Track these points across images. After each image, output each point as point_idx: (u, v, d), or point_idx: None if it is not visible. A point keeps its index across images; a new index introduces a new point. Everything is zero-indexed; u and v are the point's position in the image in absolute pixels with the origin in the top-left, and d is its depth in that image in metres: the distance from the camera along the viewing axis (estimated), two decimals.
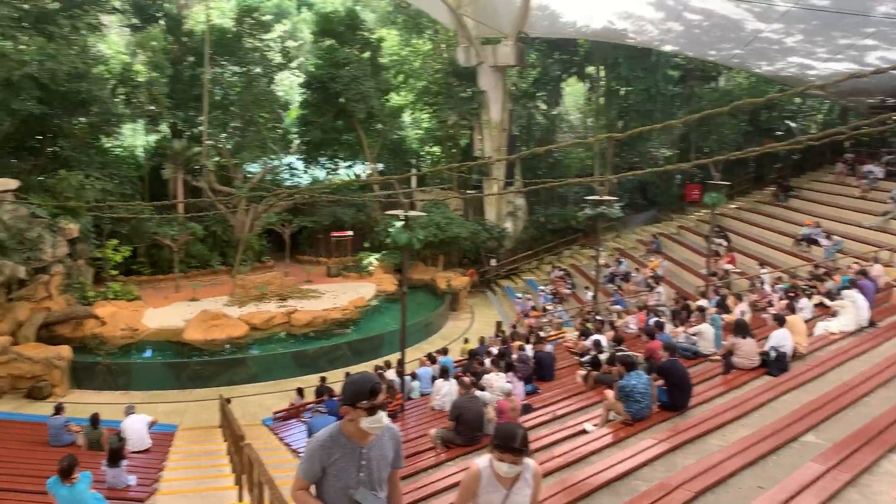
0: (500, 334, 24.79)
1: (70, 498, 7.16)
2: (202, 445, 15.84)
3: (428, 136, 43.78)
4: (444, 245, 34.83)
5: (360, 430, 4.08)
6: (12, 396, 21.33)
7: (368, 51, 38.89)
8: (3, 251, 22.85)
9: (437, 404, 14.34)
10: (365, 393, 4.01)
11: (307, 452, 4.22)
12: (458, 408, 10.70)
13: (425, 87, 41.21)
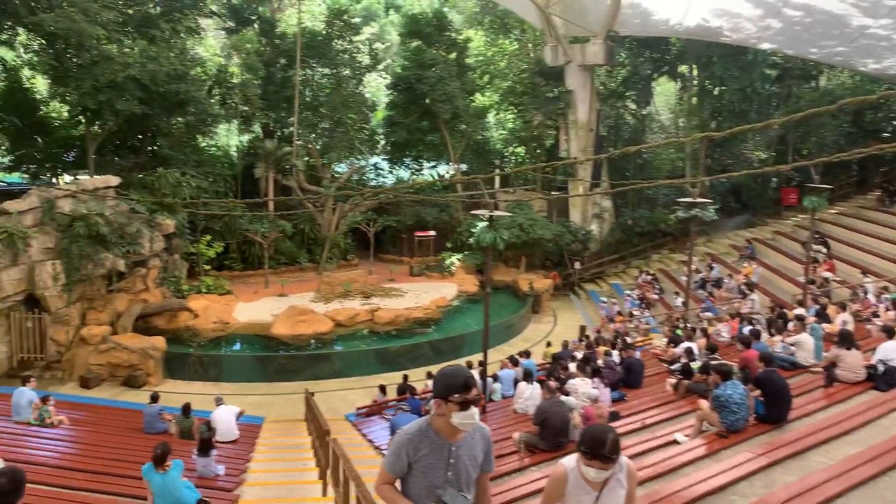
0: (585, 339, 24.20)
1: (163, 484, 7.32)
2: (288, 438, 16.09)
3: (512, 136, 43.48)
4: (527, 246, 34.47)
5: (451, 426, 3.89)
6: (111, 384, 22.36)
7: (454, 52, 39.01)
8: (105, 245, 23.95)
9: (520, 407, 14.07)
10: (457, 386, 3.83)
11: (394, 445, 4.06)
12: (543, 412, 10.44)
13: (510, 88, 40.97)
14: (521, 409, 13.99)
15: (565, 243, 35.39)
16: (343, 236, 35.63)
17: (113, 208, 25.03)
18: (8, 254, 21.97)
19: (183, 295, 27.82)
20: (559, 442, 10.15)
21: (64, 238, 23.21)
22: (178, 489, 7.37)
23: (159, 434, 14.26)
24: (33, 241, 22.57)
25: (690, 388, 12.86)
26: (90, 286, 24.28)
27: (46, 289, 22.54)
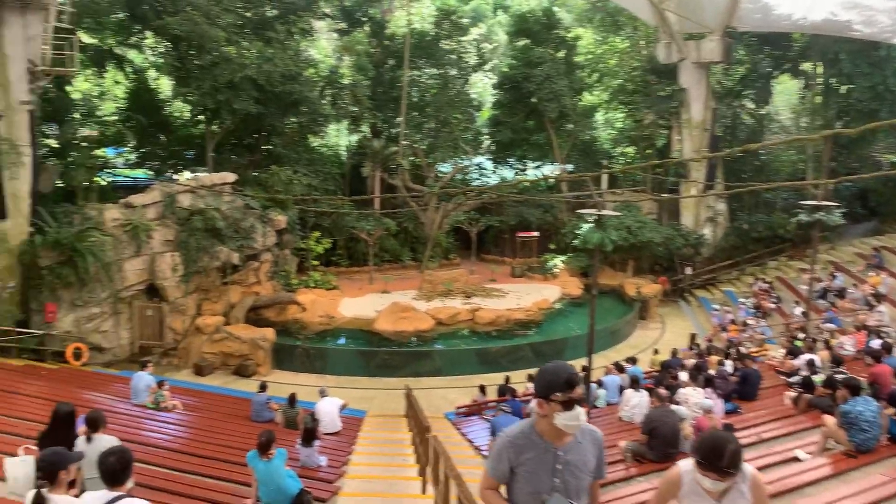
0: (695, 347, 23.19)
1: (266, 472, 7.39)
2: (388, 433, 16.17)
3: (621, 136, 42.32)
4: (635, 250, 33.41)
5: (556, 429, 3.60)
6: (223, 372, 23.27)
7: (563, 50, 38.38)
8: (221, 238, 24.98)
9: (626, 415, 13.54)
10: (560, 384, 3.55)
11: (495, 449, 3.81)
12: (652, 421, 9.96)
13: (621, 86, 39.87)
14: (627, 417, 13.46)
15: (675, 247, 34.05)
16: (445, 235, 35.76)
17: (229, 204, 26.08)
18: (132, 245, 23.32)
19: (292, 289, 28.66)
20: (668, 453, 9.65)
21: (183, 231, 24.38)
22: (281, 477, 7.43)
23: (266, 423, 14.64)
24: (155, 233, 23.84)
25: (813, 402, 11.99)
26: (206, 278, 25.38)
27: (166, 279, 23.75)
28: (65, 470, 4.61)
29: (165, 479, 8.18)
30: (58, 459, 4.62)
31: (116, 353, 23.20)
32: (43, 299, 21.63)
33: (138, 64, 32.75)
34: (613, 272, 34.74)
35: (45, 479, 4.54)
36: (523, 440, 3.71)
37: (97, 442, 6.40)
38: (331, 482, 9.28)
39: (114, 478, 4.42)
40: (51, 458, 4.62)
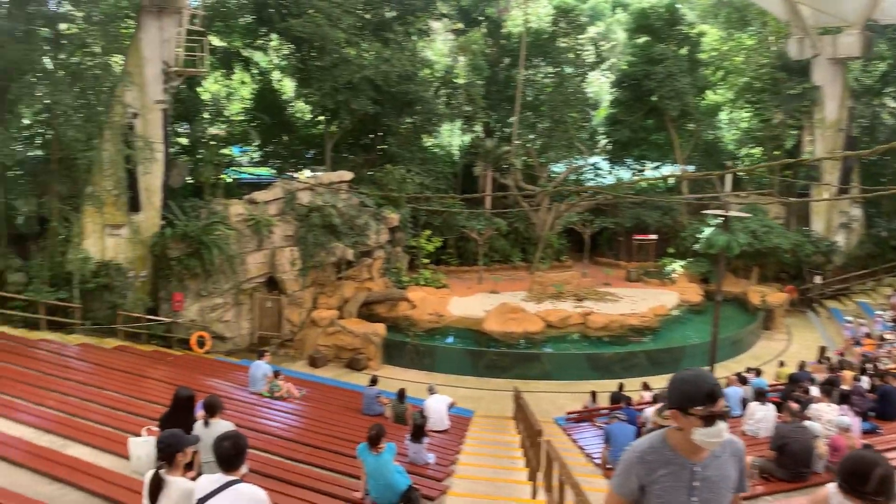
0: (825, 361, 21.56)
1: (375, 465, 7.33)
2: (497, 434, 15.94)
3: (747, 136, 40.13)
4: (760, 256, 31.61)
5: (692, 443, 3.23)
6: (335, 365, 23.79)
7: (686, 46, 36.90)
8: (336, 234, 25.59)
9: (750, 429, 12.67)
10: (700, 396, 3.13)
11: (622, 464, 3.42)
12: (782, 437, 9.23)
13: (747, 84, 37.80)
14: (752, 431, 12.59)
15: (805, 254, 31.91)
16: (557, 237, 35.15)
17: (345, 201, 26.69)
18: (254, 239, 24.27)
19: (403, 286, 29.00)
20: (800, 472, 8.93)
21: (301, 227, 25.16)
22: (390, 472, 7.35)
23: (375, 416, 14.74)
24: (275, 228, 24.72)
25: None
26: (322, 272, 26.07)
27: (284, 272, 24.57)
28: (181, 452, 4.67)
29: (277, 467, 8.31)
30: (175, 441, 4.69)
31: (237, 342, 24.21)
32: (171, 289, 22.86)
33: (263, 66, 34.14)
34: (736, 279, 32.99)
35: (163, 460, 4.61)
36: (654, 455, 3.33)
37: (214, 427, 6.53)
38: (439, 480, 9.16)
39: (228, 462, 4.44)
40: (168, 440, 4.70)
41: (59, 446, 7.65)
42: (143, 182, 22.69)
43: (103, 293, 21.46)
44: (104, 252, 21.92)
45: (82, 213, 21.24)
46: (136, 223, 22.83)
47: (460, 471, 10.38)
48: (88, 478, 6.38)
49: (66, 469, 6.58)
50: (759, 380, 17.51)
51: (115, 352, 18.54)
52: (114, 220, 22.18)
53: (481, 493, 8.88)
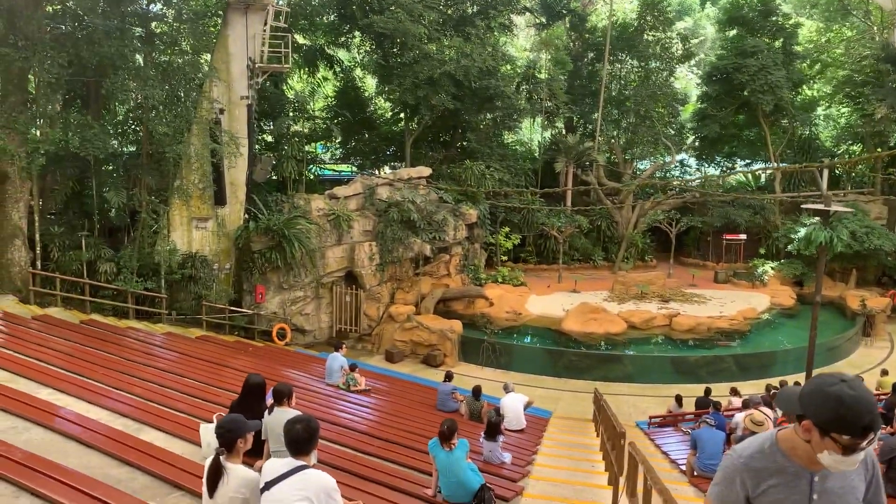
0: None
1: (447, 462, 7.02)
2: (575, 436, 15.41)
3: (846, 133, 37.89)
4: (860, 258, 29.75)
5: (812, 454, 2.70)
6: (412, 360, 23.69)
7: (780, 38, 35.10)
8: (414, 230, 25.52)
9: None
10: (856, 428, 2.50)
11: (724, 471, 2.90)
12: (892, 449, 8.37)
13: (847, 77, 35.67)
14: None
15: None
16: (641, 235, 34.06)
17: (423, 197, 26.60)
18: (334, 234, 24.49)
19: (480, 283, 28.69)
20: None
21: (380, 222, 25.24)
22: (462, 469, 7.02)
23: (450, 413, 14.47)
24: (355, 223, 24.86)
25: None
26: (399, 268, 26.07)
27: (363, 267, 24.66)
28: (241, 438, 4.48)
29: (348, 459, 8.11)
30: (235, 427, 4.51)
31: (316, 335, 24.48)
32: (254, 281, 23.29)
33: (346, 63, 34.49)
34: (833, 283, 31.14)
35: (222, 446, 4.43)
36: (763, 462, 2.82)
37: (282, 414, 6.37)
38: (515, 481, 8.77)
39: (298, 446, 4.28)
40: (228, 426, 4.52)
41: (133, 430, 7.68)
42: (228, 176, 23.21)
43: (189, 284, 22.02)
44: (190, 244, 22.51)
45: (170, 206, 21.85)
46: (221, 216, 23.36)
47: (536, 472, 9.96)
48: (158, 462, 6.33)
49: (137, 453, 6.56)
50: None
51: (198, 341, 18.96)
52: (200, 214, 22.75)
53: (559, 497, 8.44)
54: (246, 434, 4.49)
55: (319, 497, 4.09)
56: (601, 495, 8.78)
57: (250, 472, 4.38)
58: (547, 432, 14.62)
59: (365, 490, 6.83)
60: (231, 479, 4.30)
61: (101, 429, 7.25)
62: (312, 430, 4.28)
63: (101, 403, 8.61)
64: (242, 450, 4.52)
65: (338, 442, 9.10)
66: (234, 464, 4.40)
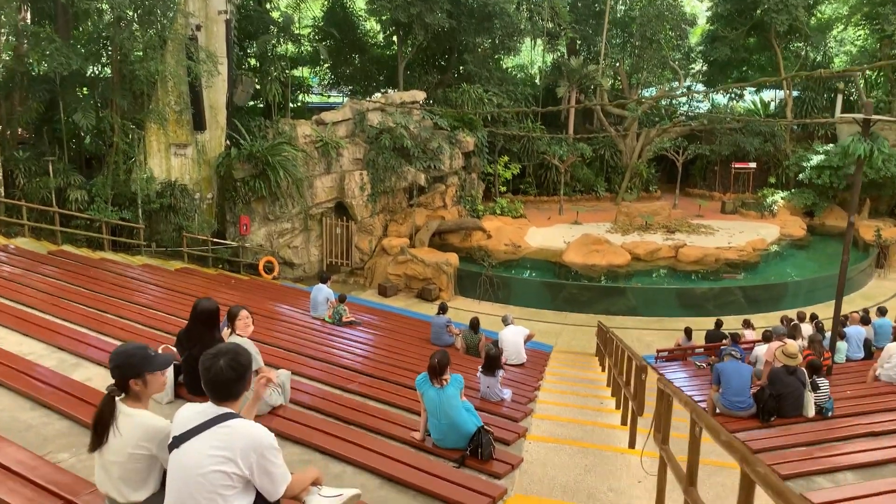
0: None
1: (438, 400, 5.89)
2: (579, 371, 14.42)
3: (862, 57, 35.98)
4: (874, 188, 28.47)
5: None
6: (406, 294, 22.64)
7: None
8: (408, 158, 24.13)
9: (886, 375, 10.66)
10: None
11: None
12: None
13: None
14: (887, 377, 10.59)
15: None
16: (646, 165, 32.61)
17: (417, 123, 25.09)
18: (322, 162, 23.11)
19: (478, 215, 27.48)
20: None
21: (371, 150, 23.80)
22: (455, 409, 5.88)
23: (446, 347, 13.42)
24: (344, 151, 23.45)
25: None
26: (392, 199, 24.80)
27: (354, 198, 23.36)
28: (137, 378, 3.23)
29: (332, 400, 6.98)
30: (125, 362, 3.23)
31: (306, 269, 23.37)
32: (238, 212, 22.04)
33: None
34: (843, 213, 29.87)
35: (115, 385, 3.21)
36: None
37: None
38: (516, 420, 7.69)
39: (219, 389, 3.10)
40: (118, 360, 3.26)
41: (68, 367, 6.50)
42: (207, 99, 21.70)
43: (168, 215, 20.79)
44: (169, 172, 21.15)
45: (146, 131, 20.39)
46: (202, 143, 21.96)
47: (540, 410, 8.90)
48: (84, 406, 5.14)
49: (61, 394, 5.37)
50: (884, 320, 15.27)
51: (177, 274, 17.75)
52: (178, 139, 21.31)
53: (567, 438, 7.36)
54: (144, 373, 3.24)
55: (248, 458, 2.90)
56: (615, 437, 7.71)
57: (156, 421, 3.17)
58: (549, 367, 13.59)
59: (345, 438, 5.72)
60: (127, 428, 3.10)
61: (23, 365, 6.06)
62: (241, 366, 3.07)
63: (38, 336, 7.43)
64: (145, 393, 3.28)
65: (321, 380, 7.98)
66: (133, 408, 3.19)
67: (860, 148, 11.35)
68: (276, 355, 8.84)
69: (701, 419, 3.98)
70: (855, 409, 8.96)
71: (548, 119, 32.73)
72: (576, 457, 6.67)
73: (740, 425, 8.35)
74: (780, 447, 7.26)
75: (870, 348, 13.79)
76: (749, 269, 24.46)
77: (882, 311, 15.48)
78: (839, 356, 13.81)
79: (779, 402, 8.45)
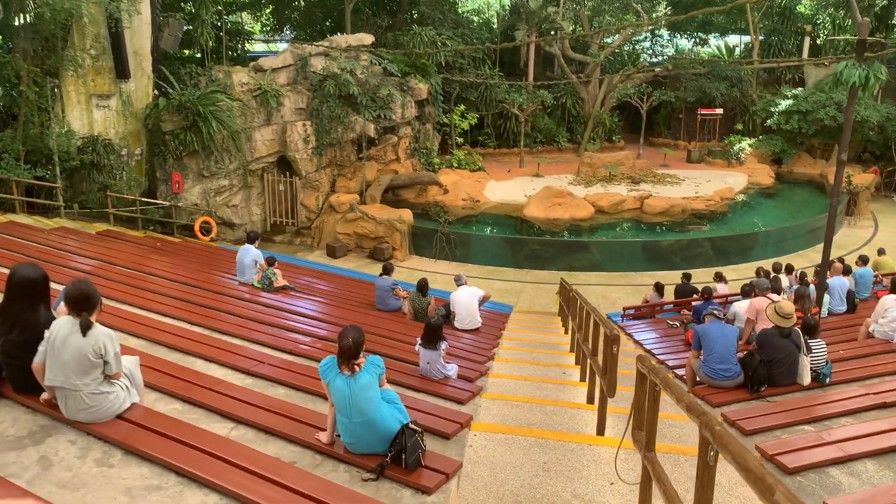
0: None
1: (348, 392, 4.40)
2: (539, 333, 13.14)
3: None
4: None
5: None
6: (356, 255, 21.15)
7: None
8: (356, 107, 22.36)
9: (881, 332, 9.52)
10: None
11: None
12: None
13: None
14: (882, 335, 9.45)
15: (894, 131, 27.61)
16: (609, 114, 31.17)
17: (365, 69, 23.25)
18: (262, 113, 21.26)
19: (434, 168, 25.94)
20: None
21: (314, 98, 21.98)
22: (370, 402, 4.41)
23: (392, 312, 12.00)
24: (285, 100, 21.59)
25: None
26: (340, 152, 23.10)
27: (297, 151, 21.61)
28: None
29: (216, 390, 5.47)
30: None
31: (247, 229, 21.53)
32: (168, 168, 20.14)
33: None
34: (813, 159, 29.09)
35: None
36: None
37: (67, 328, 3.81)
38: (462, 403, 6.29)
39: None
40: None
41: None
42: (130, 44, 19.56)
43: (91, 173, 18.90)
44: (91, 126, 19.16)
45: (62, 80, 18.30)
46: (127, 93, 19.93)
47: (493, 386, 7.53)
48: None
49: None
50: (866, 269, 14.23)
51: (96, 237, 15.92)
52: (100, 90, 19.26)
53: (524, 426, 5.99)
54: None
55: None
56: (581, 419, 6.36)
57: None
58: (507, 330, 12.26)
59: (208, 449, 4.23)
60: None
61: None
62: None
63: None
64: None
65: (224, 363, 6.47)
66: None
67: (854, 74, 10.01)
68: (172, 332, 7.30)
69: (722, 442, 2.56)
70: (854, 373, 7.76)
71: (507, 67, 31.01)
72: (532, 451, 5.30)
73: (726, 397, 7.08)
74: (778, 426, 6.01)
75: (853, 301, 12.70)
76: (717, 219, 23.43)
77: (864, 259, 14.41)
78: (821, 311, 12.74)
79: (770, 369, 7.19)
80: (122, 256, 13.28)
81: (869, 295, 13.99)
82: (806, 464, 4.98)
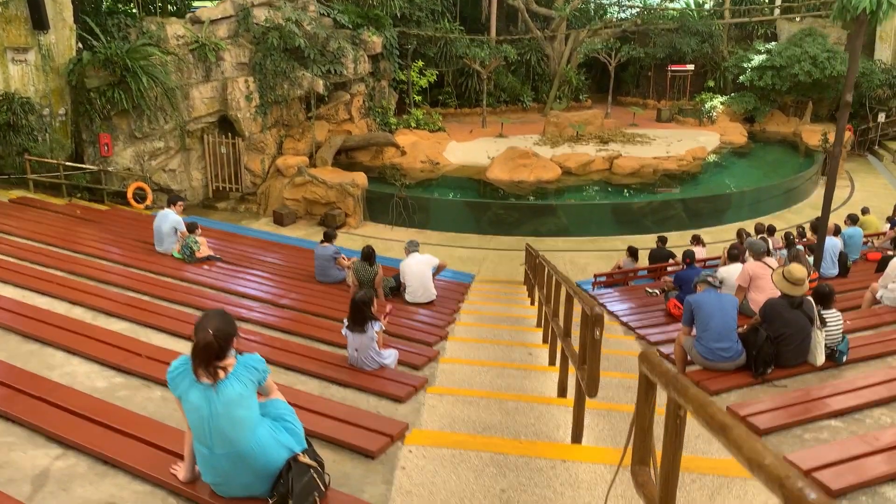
0: None
1: (207, 411, 2.96)
2: (504, 305, 11.79)
3: None
4: (817, 89, 26.43)
5: None
6: (306, 222, 19.56)
7: None
8: (303, 61, 20.58)
9: (889, 297, 8.35)
10: None
11: None
12: None
13: None
14: (891, 301, 8.27)
15: (871, 86, 26.64)
16: (576, 71, 29.69)
17: (313, 20, 21.38)
18: (200, 68, 19.38)
19: (390, 129, 24.28)
20: None
21: (258, 52, 20.13)
22: (240, 424, 2.97)
23: (334, 284, 10.55)
24: (225, 54, 19.72)
25: None
26: (287, 110, 21.33)
27: (239, 110, 19.81)
28: None
29: (55, 404, 3.99)
30: None
31: (187, 195, 19.80)
32: (96, 129, 18.20)
33: None
34: (786, 118, 28.06)
35: None
36: None
37: None
38: (400, 401, 4.91)
39: None
40: None
41: None
42: None
43: (8, 135, 16.88)
44: (7, 83, 17.08)
45: None
46: (46, 46, 17.78)
47: (444, 376, 6.14)
48: None
49: None
50: (855, 229, 13.15)
51: (8, 206, 14.19)
52: (15, 42, 17.13)
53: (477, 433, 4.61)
54: None
55: None
56: (552, 422, 4.98)
57: None
58: (466, 303, 10.88)
59: None
60: None
61: None
62: None
63: None
64: None
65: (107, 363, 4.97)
66: None
67: (864, 1, 8.66)
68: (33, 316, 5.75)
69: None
70: (869, 349, 6.51)
71: (467, 21, 29.24)
72: (486, 473, 3.92)
73: (726, 382, 5.80)
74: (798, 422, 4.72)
75: (845, 263, 11.57)
76: (689, 180, 22.28)
77: (853, 218, 13.34)
78: None
79: (778, 347, 5.92)
80: (28, 226, 11.60)
81: (858, 257, 12.95)
82: (854, 483, 3.69)
